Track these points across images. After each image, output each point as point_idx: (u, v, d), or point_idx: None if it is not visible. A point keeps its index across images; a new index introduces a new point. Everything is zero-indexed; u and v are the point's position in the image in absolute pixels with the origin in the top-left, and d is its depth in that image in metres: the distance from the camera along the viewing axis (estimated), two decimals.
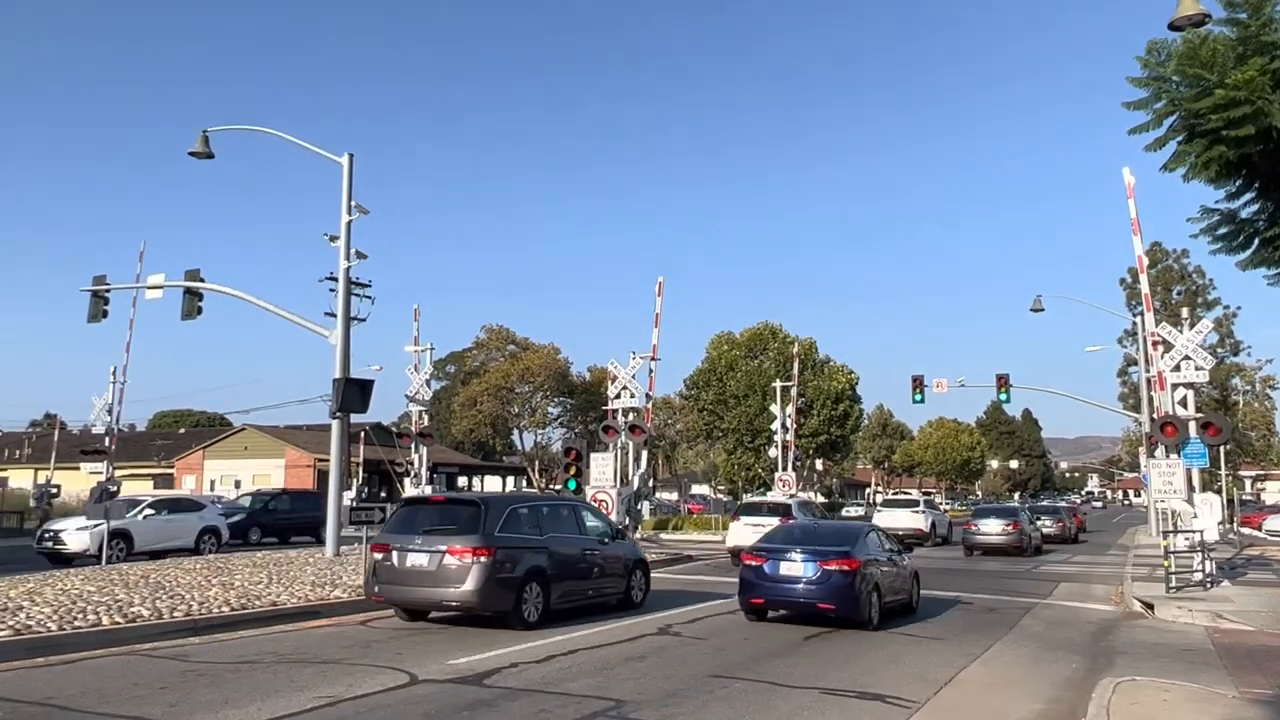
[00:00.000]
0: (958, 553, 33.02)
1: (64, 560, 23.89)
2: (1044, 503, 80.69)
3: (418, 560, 13.18)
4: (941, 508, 48.35)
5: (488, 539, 13.08)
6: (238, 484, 58.75)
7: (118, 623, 12.13)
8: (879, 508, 43.00)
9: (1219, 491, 42.62)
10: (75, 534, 24.80)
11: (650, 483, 34.63)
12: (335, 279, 24.61)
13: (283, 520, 34.88)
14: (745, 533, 25.61)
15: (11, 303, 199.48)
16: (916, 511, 38.00)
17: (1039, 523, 38.23)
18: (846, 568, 13.88)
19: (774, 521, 22.80)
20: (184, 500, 31.49)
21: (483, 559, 12.81)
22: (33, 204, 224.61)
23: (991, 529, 33.54)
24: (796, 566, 14.25)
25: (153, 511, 26.68)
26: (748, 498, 43.67)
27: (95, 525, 22.77)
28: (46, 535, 25.60)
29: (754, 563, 14.76)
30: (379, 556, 13.67)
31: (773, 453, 48.06)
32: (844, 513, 65.30)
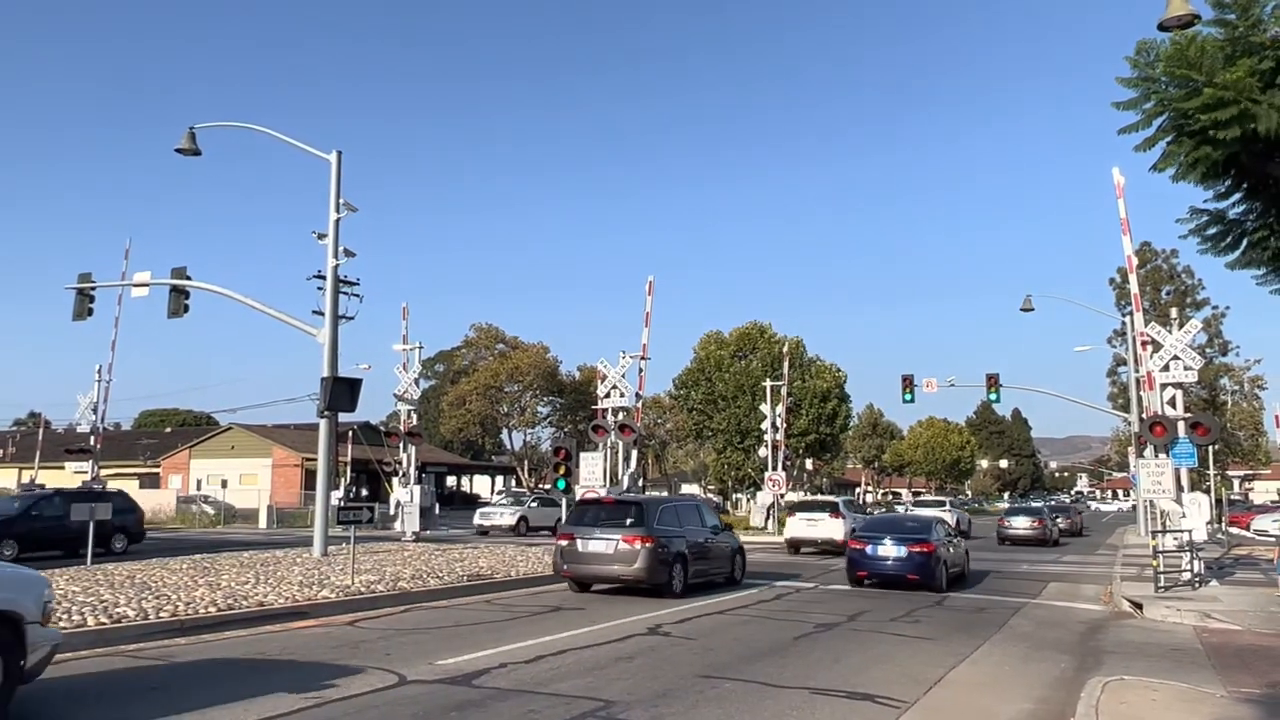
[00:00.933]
0: (975, 544, 36.10)
1: None
2: (1053, 503, 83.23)
3: (597, 546, 17.43)
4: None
5: (650, 530, 17.29)
6: (224, 483, 58.49)
7: (103, 623, 12.03)
8: (911, 507, 50.79)
9: (1207, 491, 42.85)
10: None
11: (640, 482, 34.59)
12: (323, 277, 24.52)
13: (51, 530, 25.12)
14: (801, 526, 32.21)
15: None
16: (945, 510, 44.08)
17: (1056, 520, 44.56)
18: (926, 550, 19.40)
19: (824, 515, 31.85)
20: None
21: (648, 545, 17.03)
22: (17, 201, 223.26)
23: (1021, 524, 41.14)
24: (890, 549, 19.67)
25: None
26: (797, 496, 46.86)
27: None
28: None
29: (858, 546, 20.25)
30: (564, 543, 17.87)
31: (762, 452, 48.06)
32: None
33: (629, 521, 17.52)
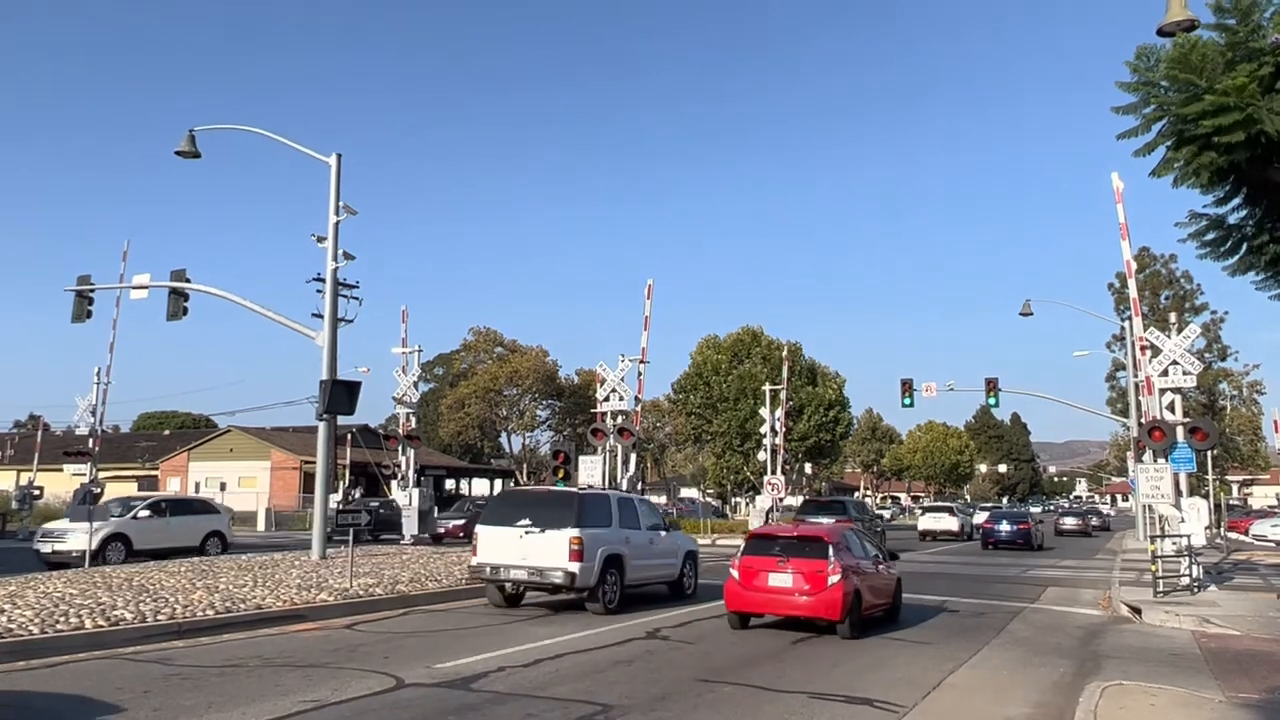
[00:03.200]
0: (971, 545, 42.91)
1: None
2: (1079, 505, 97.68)
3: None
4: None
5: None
6: (223, 486, 58.41)
7: (100, 626, 12.00)
8: (921, 513, 53.35)
9: (1206, 496, 42.84)
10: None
11: (639, 486, 34.55)
12: (323, 280, 24.49)
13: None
14: (929, 520, 49.01)
15: None
16: (952, 515, 49.36)
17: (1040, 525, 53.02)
18: (1027, 526, 39.03)
19: (945, 515, 49.47)
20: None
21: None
22: (15, 203, 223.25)
23: (1067, 523, 57.25)
24: (1006, 526, 40.16)
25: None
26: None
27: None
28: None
29: (989, 526, 40.51)
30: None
31: (761, 456, 48.02)
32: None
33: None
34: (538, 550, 15.40)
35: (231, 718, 8.04)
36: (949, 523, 47.60)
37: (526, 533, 15.53)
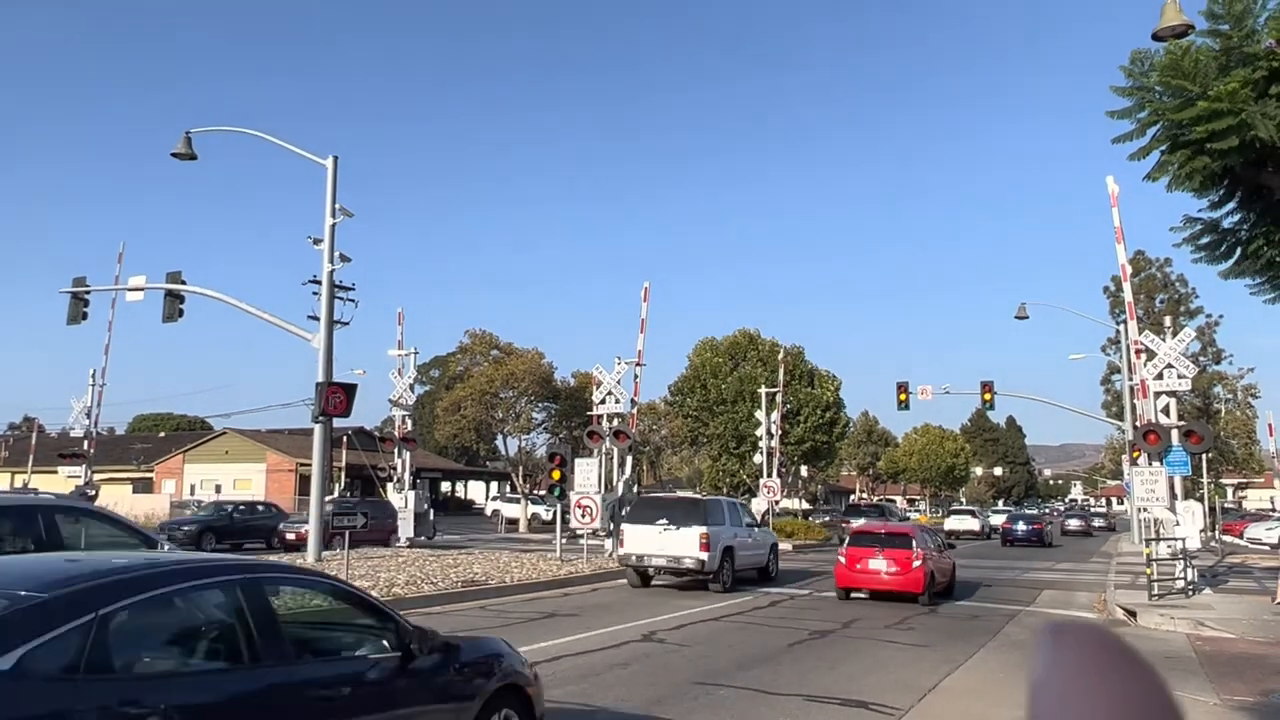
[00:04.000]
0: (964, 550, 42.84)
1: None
2: (1076, 508, 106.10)
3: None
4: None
5: None
6: (218, 488, 58.30)
7: None
8: (949, 515, 63.06)
9: (1201, 500, 42.90)
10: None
11: (635, 489, 34.53)
12: (319, 282, 24.49)
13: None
14: (954, 522, 55.18)
15: None
16: (974, 517, 58.15)
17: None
18: (1040, 526, 46.85)
19: (968, 517, 56.49)
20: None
21: None
22: (12, 204, 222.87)
23: (1071, 524, 64.80)
24: (1023, 526, 47.23)
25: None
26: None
27: None
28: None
29: (1008, 526, 47.65)
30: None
31: (758, 459, 48.04)
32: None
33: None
34: (674, 543, 20.04)
35: None
36: (971, 523, 55.73)
37: (665, 529, 20.19)
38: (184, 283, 25.48)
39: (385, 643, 5.55)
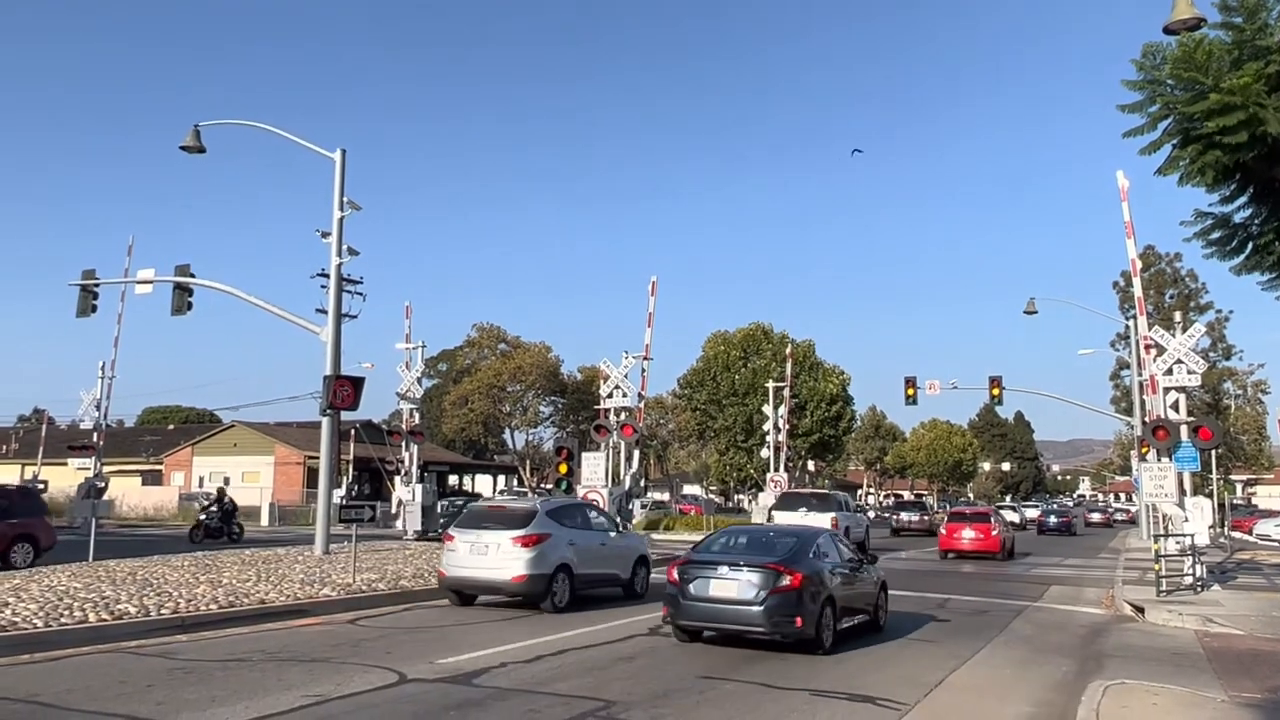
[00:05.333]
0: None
1: None
2: (1098, 504, 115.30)
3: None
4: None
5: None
6: (227, 481, 58.47)
7: (104, 620, 12.04)
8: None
9: (1210, 496, 42.72)
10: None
11: (641, 482, 34.56)
12: (327, 275, 24.55)
13: None
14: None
15: None
16: (1014, 511, 62.46)
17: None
18: (1068, 519, 56.27)
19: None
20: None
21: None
22: (20, 197, 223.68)
23: (1092, 517, 74.24)
24: (1054, 519, 57.66)
25: None
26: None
27: None
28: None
29: (1041, 519, 57.70)
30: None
31: (765, 453, 48.01)
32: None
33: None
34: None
35: (235, 712, 8.06)
36: (1012, 516, 58.32)
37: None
38: (193, 276, 25.56)
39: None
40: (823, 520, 26.20)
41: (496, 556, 14.84)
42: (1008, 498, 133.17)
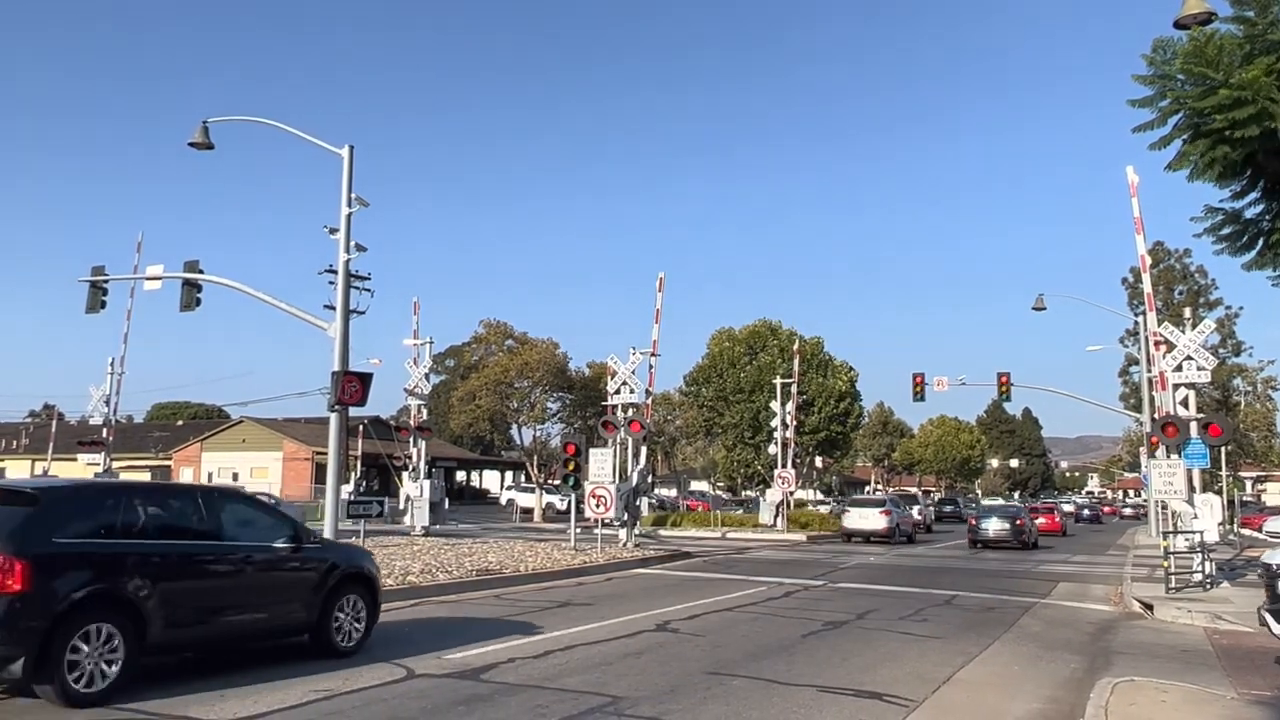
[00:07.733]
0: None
1: None
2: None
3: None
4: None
5: None
6: (235, 476, 58.73)
7: None
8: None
9: (1219, 492, 42.65)
10: None
11: (649, 479, 34.55)
12: (334, 271, 24.54)
13: None
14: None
15: (9, 293, 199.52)
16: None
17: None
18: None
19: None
20: None
21: None
22: (29, 194, 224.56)
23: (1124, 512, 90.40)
24: (1088, 511, 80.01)
25: None
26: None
27: None
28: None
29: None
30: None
31: (772, 449, 48.00)
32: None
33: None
34: None
35: (242, 705, 8.10)
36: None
37: None
38: (202, 272, 25.59)
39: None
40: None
41: None
42: (1015, 495, 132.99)
